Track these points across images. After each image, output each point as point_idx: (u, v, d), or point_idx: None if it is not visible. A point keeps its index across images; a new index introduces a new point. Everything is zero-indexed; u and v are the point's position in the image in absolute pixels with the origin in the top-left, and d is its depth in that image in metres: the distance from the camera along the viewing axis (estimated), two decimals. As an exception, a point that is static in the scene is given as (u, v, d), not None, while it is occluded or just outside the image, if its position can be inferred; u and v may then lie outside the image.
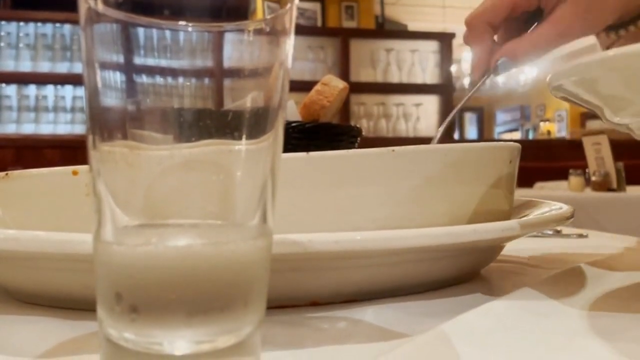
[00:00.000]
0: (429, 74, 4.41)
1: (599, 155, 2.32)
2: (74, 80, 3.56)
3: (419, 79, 4.38)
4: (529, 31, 0.52)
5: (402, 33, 4.62)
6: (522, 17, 0.55)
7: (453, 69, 4.66)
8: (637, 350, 0.26)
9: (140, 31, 0.21)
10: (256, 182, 0.22)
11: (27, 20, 3.61)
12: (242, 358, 0.22)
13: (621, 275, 0.42)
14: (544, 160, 3.61)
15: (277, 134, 0.22)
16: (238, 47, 0.22)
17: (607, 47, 0.56)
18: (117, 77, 0.21)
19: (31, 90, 3.61)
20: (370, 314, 0.33)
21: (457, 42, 4.56)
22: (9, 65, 3.59)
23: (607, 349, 0.26)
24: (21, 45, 3.61)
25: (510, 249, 0.55)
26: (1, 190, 0.40)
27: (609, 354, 0.25)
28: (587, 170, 2.37)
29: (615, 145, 2.31)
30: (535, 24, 0.53)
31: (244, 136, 0.22)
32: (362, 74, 4.29)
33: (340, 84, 0.64)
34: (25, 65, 3.61)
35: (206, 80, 0.22)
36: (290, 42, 0.22)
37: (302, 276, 0.34)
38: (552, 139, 5.93)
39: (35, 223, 0.37)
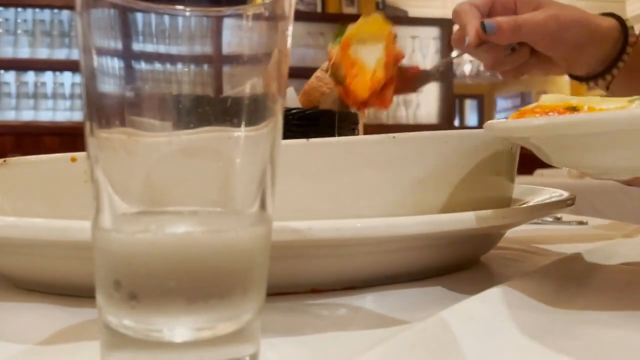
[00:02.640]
0: (429, 61, 4.39)
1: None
2: (73, 66, 3.54)
3: (419, 65, 4.36)
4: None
5: (402, 19, 4.59)
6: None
7: (454, 55, 4.64)
8: (636, 337, 0.26)
9: (138, 16, 0.21)
10: (255, 169, 0.22)
11: (24, 6, 3.58)
12: (242, 345, 0.22)
13: (620, 263, 0.42)
14: (544, 147, 3.61)
15: (276, 121, 0.22)
16: (237, 32, 0.22)
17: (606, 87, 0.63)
18: (115, 63, 0.21)
19: (30, 76, 3.59)
20: (370, 301, 0.33)
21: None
22: (7, 52, 3.57)
23: (607, 336, 0.26)
24: (19, 31, 3.59)
25: (511, 236, 0.55)
26: (0, 177, 0.39)
27: (609, 342, 0.25)
28: (587, 157, 2.36)
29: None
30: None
31: (243, 123, 0.21)
32: (362, 60, 4.27)
33: (340, 71, 0.64)
34: (24, 52, 3.59)
35: (205, 67, 0.22)
36: (289, 28, 0.22)
37: (301, 263, 0.34)
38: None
39: (34, 210, 0.37)
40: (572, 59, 0.62)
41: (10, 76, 3.59)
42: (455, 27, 0.61)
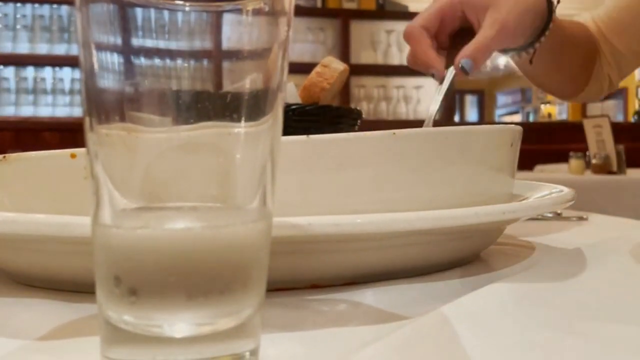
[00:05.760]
0: (429, 56, 4.37)
1: (599, 138, 2.31)
2: (72, 62, 3.54)
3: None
4: (474, 38, 0.59)
5: (403, 14, 4.57)
6: (458, 36, 0.62)
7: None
8: (637, 332, 0.26)
9: (138, 11, 0.21)
10: (255, 164, 0.22)
11: (24, 1, 3.57)
12: (242, 340, 0.22)
13: (620, 259, 0.42)
14: (544, 143, 3.61)
15: (276, 116, 0.22)
16: (237, 27, 0.22)
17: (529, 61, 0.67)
18: (114, 59, 0.21)
19: (29, 72, 3.59)
20: (369, 296, 0.33)
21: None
22: (7, 47, 3.56)
23: (608, 331, 0.26)
24: (18, 26, 3.58)
25: (511, 232, 0.55)
26: (0, 173, 0.39)
27: (609, 337, 0.25)
28: (587, 153, 2.37)
29: (616, 128, 2.31)
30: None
31: (243, 118, 0.21)
32: (363, 55, 4.26)
33: (341, 66, 0.64)
34: (23, 47, 3.58)
35: (205, 62, 0.22)
36: (289, 23, 0.22)
37: (302, 259, 0.34)
38: (553, 122, 5.91)
39: (33, 206, 0.37)
40: (515, 41, 0.64)
41: (9, 72, 3.58)
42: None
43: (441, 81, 0.59)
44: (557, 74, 0.76)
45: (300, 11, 4.02)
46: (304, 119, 0.59)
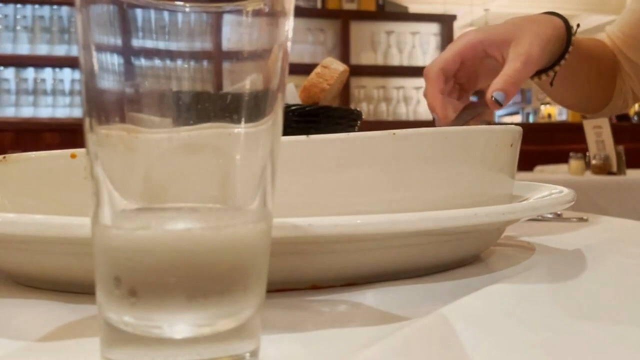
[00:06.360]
0: (429, 57, 4.38)
1: (599, 138, 2.31)
2: (72, 63, 3.54)
3: (419, 61, 4.35)
4: (502, 71, 0.61)
5: (402, 15, 4.57)
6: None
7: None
8: (636, 333, 0.26)
9: (138, 12, 0.21)
10: (255, 165, 0.22)
11: (24, 2, 3.58)
12: (243, 341, 0.22)
13: (620, 260, 0.42)
14: (544, 144, 3.61)
15: (276, 117, 0.22)
16: (237, 28, 0.22)
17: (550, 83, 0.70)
18: (114, 60, 0.21)
19: (29, 73, 3.59)
20: (370, 297, 0.33)
21: (458, 24, 4.53)
22: (7, 48, 3.56)
23: (607, 332, 0.26)
24: (19, 27, 3.58)
25: (511, 233, 0.55)
26: (0, 174, 0.39)
27: (609, 337, 0.25)
28: (587, 154, 2.37)
29: (615, 129, 2.31)
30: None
31: (243, 119, 0.21)
32: (363, 56, 4.26)
33: (341, 67, 0.64)
34: (23, 48, 3.59)
35: (205, 63, 0.22)
36: (289, 24, 0.22)
37: (302, 260, 0.34)
38: (553, 122, 5.91)
39: (33, 206, 0.37)
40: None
41: (9, 72, 3.59)
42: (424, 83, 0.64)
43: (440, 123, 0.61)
44: (578, 91, 0.78)
45: (300, 12, 4.02)
46: (304, 120, 0.59)
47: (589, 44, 0.74)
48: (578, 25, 0.68)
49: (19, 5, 3.59)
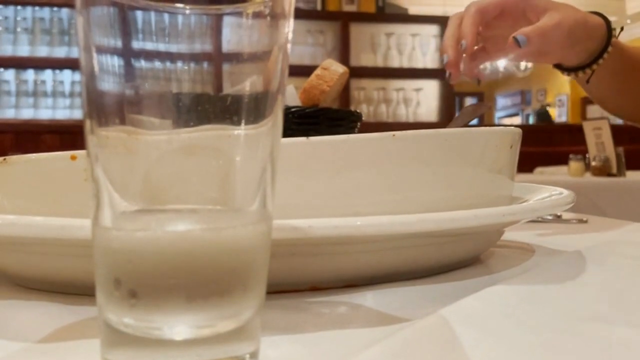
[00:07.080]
0: (429, 59, 4.38)
1: (599, 140, 2.31)
2: (73, 64, 3.54)
3: (419, 63, 4.36)
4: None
5: (402, 17, 4.58)
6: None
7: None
8: (636, 334, 0.26)
9: (138, 14, 0.21)
10: (255, 167, 0.22)
11: (24, 4, 3.58)
12: (242, 343, 0.22)
13: (620, 261, 0.42)
14: (544, 145, 3.61)
15: (276, 119, 0.22)
16: (237, 30, 0.22)
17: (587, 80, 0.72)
18: (115, 62, 0.21)
19: (29, 74, 3.59)
20: (370, 298, 0.33)
21: (458, 26, 4.51)
22: (7, 50, 3.57)
23: (607, 333, 0.26)
24: (19, 29, 3.58)
25: (510, 234, 0.55)
26: (0, 176, 0.39)
27: (609, 339, 0.25)
28: (587, 155, 2.37)
29: (615, 130, 2.31)
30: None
31: (243, 121, 0.21)
32: (363, 58, 4.27)
33: (340, 69, 0.64)
34: (23, 50, 3.59)
35: (205, 65, 0.22)
36: (289, 26, 0.22)
37: (302, 261, 0.34)
38: (553, 124, 5.91)
39: (33, 208, 0.37)
40: (567, 53, 0.68)
41: (9, 74, 3.59)
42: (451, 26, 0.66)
43: (449, 80, 0.64)
44: (622, 98, 0.78)
45: (300, 14, 4.02)
46: (304, 122, 0.59)
47: (637, 51, 0.75)
48: (622, 29, 0.69)
49: (19, 7, 3.60)
